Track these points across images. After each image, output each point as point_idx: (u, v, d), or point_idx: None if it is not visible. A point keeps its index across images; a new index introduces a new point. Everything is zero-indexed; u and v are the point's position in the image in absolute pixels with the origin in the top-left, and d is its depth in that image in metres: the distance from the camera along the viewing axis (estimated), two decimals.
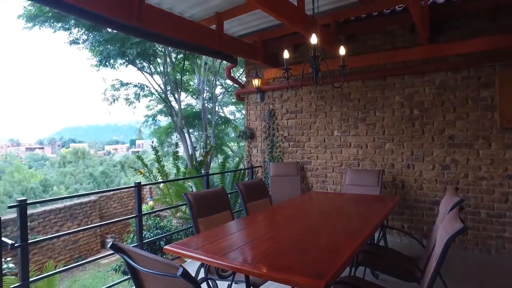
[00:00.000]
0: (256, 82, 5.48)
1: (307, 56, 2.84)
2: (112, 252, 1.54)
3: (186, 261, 4.21)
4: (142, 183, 3.50)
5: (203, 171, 7.45)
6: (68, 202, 8.39)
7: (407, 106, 4.57)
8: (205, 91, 9.00)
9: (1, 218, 2.70)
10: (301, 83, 3.18)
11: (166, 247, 2.08)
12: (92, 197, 9.04)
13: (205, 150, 7.80)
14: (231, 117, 11.54)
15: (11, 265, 5.61)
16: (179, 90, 8.38)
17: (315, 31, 2.67)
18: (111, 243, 1.51)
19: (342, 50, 2.93)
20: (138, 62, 8.26)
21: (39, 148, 45.68)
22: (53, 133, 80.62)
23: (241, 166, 8.18)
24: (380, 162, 4.77)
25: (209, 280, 2.37)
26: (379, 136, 4.78)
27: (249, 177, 5.80)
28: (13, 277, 3.72)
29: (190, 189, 6.99)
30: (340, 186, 5.08)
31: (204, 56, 8.20)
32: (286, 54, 2.98)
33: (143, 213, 3.56)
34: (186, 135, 8.05)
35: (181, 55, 8.23)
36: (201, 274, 2.43)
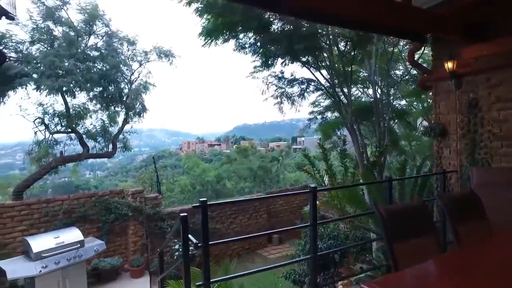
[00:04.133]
0: (449, 65, 4.29)
1: None
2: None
3: None
4: (317, 188, 3.08)
5: (375, 173, 6.57)
6: (240, 197, 9.04)
7: None
8: (377, 82, 7.99)
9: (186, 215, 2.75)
10: None
11: (363, 286, 1.54)
12: (261, 193, 9.49)
13: (378, 149, 6.88)
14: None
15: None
16: (349, 84, 7.67)
17: None
18: None
19: None
20: (302, 58, 8.01)
21: (217, 145, 53.41)
22: (227, 131, 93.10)
23: (422, 170, 6.90)
24: None
25: None
26: None
27: (438, 184, 4.67)
28: (198, 269, 3.93)
29: (361, 192, 6.26)
30: None
31: (374, 43, 7.27)
32: None
33: (318, 222, 3.13)
34: (357, 132, 7.29)
35: (349, 45, 7.53)
36: None
